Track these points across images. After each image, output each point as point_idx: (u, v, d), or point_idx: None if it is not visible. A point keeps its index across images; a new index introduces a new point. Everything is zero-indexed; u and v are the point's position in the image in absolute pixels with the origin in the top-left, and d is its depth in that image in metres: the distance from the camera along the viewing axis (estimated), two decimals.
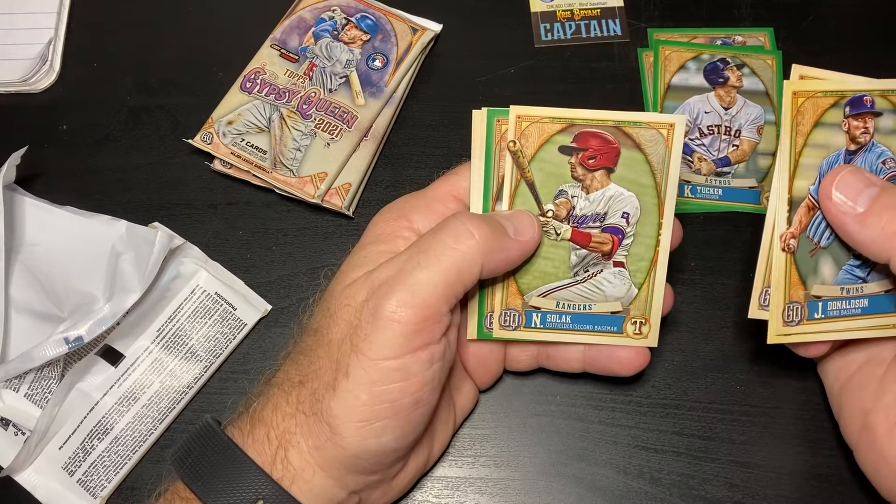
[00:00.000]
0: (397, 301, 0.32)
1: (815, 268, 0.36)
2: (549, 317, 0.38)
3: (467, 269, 0.33)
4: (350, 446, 0.32)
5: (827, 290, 0.36)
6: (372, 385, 0.32)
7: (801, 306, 0.36)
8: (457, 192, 0.37)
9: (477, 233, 0.33)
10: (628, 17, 0.53)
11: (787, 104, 0.35)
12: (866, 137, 0.35)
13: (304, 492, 0.33)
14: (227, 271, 0.46)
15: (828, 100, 0.35)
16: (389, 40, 0.50)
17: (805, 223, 0.35)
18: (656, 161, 0.36)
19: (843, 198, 0.34)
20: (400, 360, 0.32)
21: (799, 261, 0.36)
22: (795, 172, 0.35)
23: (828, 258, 0.36)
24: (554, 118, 0.36)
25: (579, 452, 0.42)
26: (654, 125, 0.36)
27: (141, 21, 0.54)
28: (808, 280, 0.36)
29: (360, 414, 0.32)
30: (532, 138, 0.36)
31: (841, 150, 0.35)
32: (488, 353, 0.40)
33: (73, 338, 0.40)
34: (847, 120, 0.35)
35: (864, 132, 0.35)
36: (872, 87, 0.35)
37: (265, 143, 0.47)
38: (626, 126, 0.36)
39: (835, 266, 0.36)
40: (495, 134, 0.36)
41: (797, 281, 0.36)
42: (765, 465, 0.41)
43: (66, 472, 0.41)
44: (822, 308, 0.36)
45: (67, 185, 0.48)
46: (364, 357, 0.32)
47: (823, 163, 0.35)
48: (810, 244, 0.36)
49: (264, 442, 0.33)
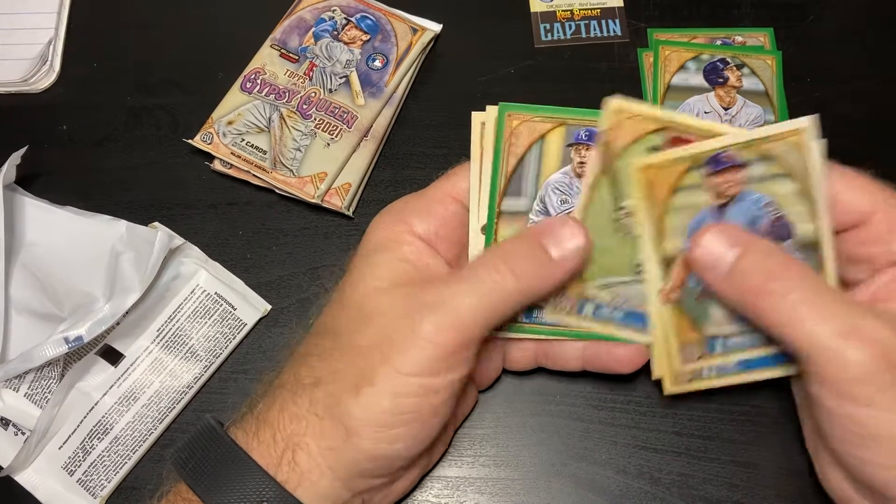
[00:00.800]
0: (437, 324, 0.32)
1: (705, 311, 0.35)
2: (602, 309, 0.37)
3: (508, 303, 0.33)
4: (364, 449, 0.32)
5: (723, 328, 0.36)
6: (396, 396, 0.32)
7: (699, 345, 0.36)
8: (456, 194, 0.37)
9: (518, 270, 0.33)
10: (628, 17, 0.53)
11: (635, 180, 0.34)
12: (735, 189, 0.34)
13: (309, 493, 0.33)
14: (227, 271, 0.46)
15: (681, 166, 0.34)
16: (389, 40, 0.50)
17: (684, 276, 0.35)
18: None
19: (706, 260, 0.33)
20: (428, 379, 0.32)
21: (687, 308, 0.35)
22: (663, 235, 0.35)
23: (717, 304, 0.35)
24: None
25: (579, 452, 0.42)
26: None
27: (141, 21, 0.54)
28: (701, 323, 0.36)
29: (379, 420, 0.32)
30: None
31: (706, 207, 0.34)
32: (488, 354, 0.40)
33: (73, 338, 0.40)
34: (709, 178, 0.34)
35: (730, 186, 0.34)
36: (732, 143, 0.34)
37: (265, 143, 0.47)
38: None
39: (726, 309, 0.35)
40: (505, 129, 0.35)
41: (688, 326, 0.36)
42: (765, 465, 0.41)
43: (66, 471, 0.41)
44: (722, 344, 0.36)
45: (67, 185, 0.48)
46: (393, 369, 0.32)
47: (692, 221, 0.35)
48: (694, 292, 0.35)
49: (270, 444, 0.33)
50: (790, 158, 0.33)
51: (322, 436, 0.33)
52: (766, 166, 0.34)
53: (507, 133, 0.35)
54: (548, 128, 0.36)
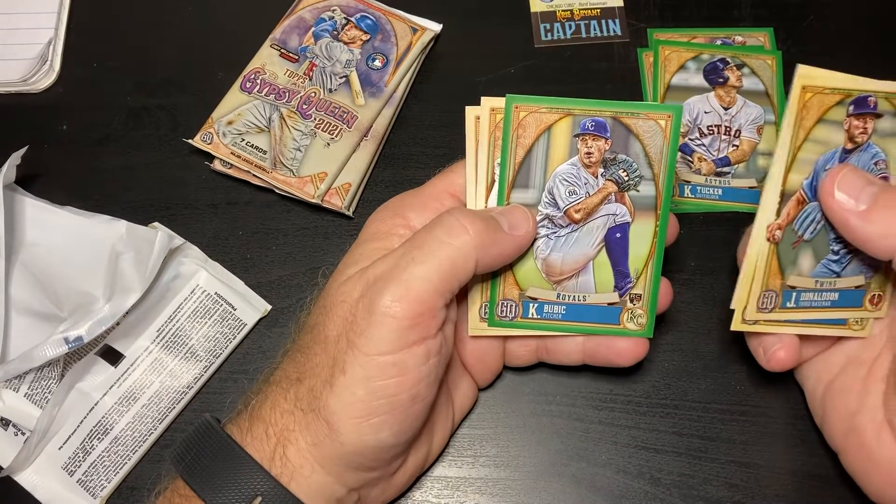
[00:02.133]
0: (392, 296, 0.32)
1: (794, 259, 0.37)
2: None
3: (461, 264, 0.33)
4: (348, 443, 0.32)
5: (803, 281, 0.37)
6: (368, 381, 0.32)
7: (777, 295, 0.37)
8: (453, 190, 0.37)
9: (471, 228, 0.33)
10: (628, 17, 0.53)
11: (794, 97, 0.35)
12: (864, 137, 0.36)
13: (302, 488, 0.33)
14: (227, 271, 0.46)
15: (834, 97, 0.35)
16: (389, 40, 0.50)
17: (793, 216, 0.36)
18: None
19: (845, 196, 0.34)
20: (396, 356, 0.32)
21: (781, 252, 0.36)
22: (792, 166, 0.35)
23: (808, 251, 0.37)
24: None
25: (579, 452, 0.42)
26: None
27: (141, 21, 0.54)
28: (787, 270, 0.37)
29: (357, 410, 0.32)
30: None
31: (838, 147, 0.36)
32: (487, 349, 0.40)
33: (73, 338, 0.40)
34: (848, 119, 0.35)
35: (863, 132, 0.36)
36: (878, 89, 0.35)
37: (265, 143, 0.47)
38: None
39: (813, 259, 0.37)
40: (513, 120, 0.35)
41: (776, 270, 0.37)
42: (765, 465, 0.41)
43: (66, 472, 0.41)
44: (796, 298, 0.37)
45: (67, 185, 0.48)
46: (360, 353, 0.32)
47: (819, 159, 0.36)
48: (794, 236, 0.36)
49: (263, 439, 0.33)
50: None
51: (308, 431, 0.33)
52: (894, 122, 0.36)
53: (514, 124, 0.36)
54: (554, 118, 0.36)
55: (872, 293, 0.38)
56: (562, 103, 0.35)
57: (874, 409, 0.36)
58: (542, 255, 0.37)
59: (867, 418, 0.36)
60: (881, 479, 0.36)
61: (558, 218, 0.37)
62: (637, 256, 0.37)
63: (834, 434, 0.38)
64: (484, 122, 0.36)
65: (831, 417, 0.38)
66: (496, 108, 0.36)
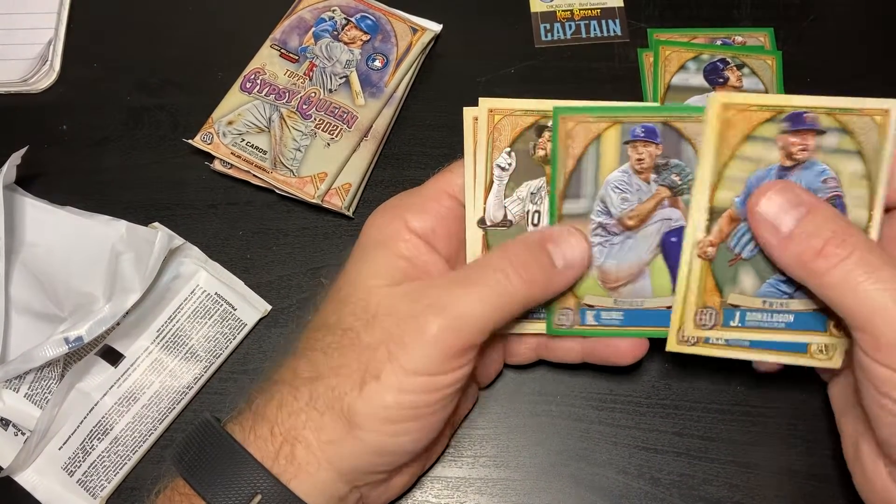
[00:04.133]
0: (443, 326, 0.33)
1: (733, 277, 0.35)
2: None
3: (511, 310, 0.34)
4: (369, 441, 0.33)
5: (746, 300, 0.35)
6: (400, 392, 0.32)
7: (716, 312, 0.35)
8: (451, 190, 0.37)
9: (525, 275, 0.34)
10: (628, 17, 0.53)
11: (712, 115, 0.33)
12: (804, 154, 0.34)
13: (305, 486, 0.33)
14: (227, 271, 0.46)
15: (763, 114, 0.33)
16: (389, 40, 0.50)
17: (727, 233, 0.35)
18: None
19: (767, 216, 0.33)
20: (432, 378, 0.33)
21: (716, 269, 0.35)
22: (719, 183, 0.34)
23: (749, 270, 0.35)
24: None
25: (579, 452, 0.42)
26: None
27: (141, 21, 0.54)
28: (725, 288, 0.35)
29: (383, 414, 0.32)
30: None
31: (774, 165, 0.34)
32: (489, 349, 0.40)
33: (73, 338, 0.40)
34: (784, 136, 0.34)
35: (803, 149, 0.34)
36: (817, 105, 0.33)
37: (265, 143, 0.47)
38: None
39: (757, 279, 0.35)
40: (560, 131, 0.35)
41: (712, 287, 0.35)
42: (765, 465, 0.41)
43: (66, 472, 0.41)
44: (740, 317, 0.35)
45: (67, 185, 0.48)
46: (399, 366, 0.32)
47: (752, 176, 0.34)
48: (730, 255, 0.35)
49: (267, 438, 0.33)
50: (867, 137, 0.33)
51: (322, 430, 0.33)
52: (840, 139, 0.34)
53: (562, 135, 0.35)
54: (603, 127, 0.35)
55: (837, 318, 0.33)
56: (610, 111, 0.35)
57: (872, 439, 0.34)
58: (597, 263, 0.37)
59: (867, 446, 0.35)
60: None
61: (612, 225, 0.36)
62: None
63: (846, 455, 0.37)
64: (482, 123, 0.36)
65: (844, 438, 0.37)
66: (494, 109, 0.36)
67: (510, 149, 0.36)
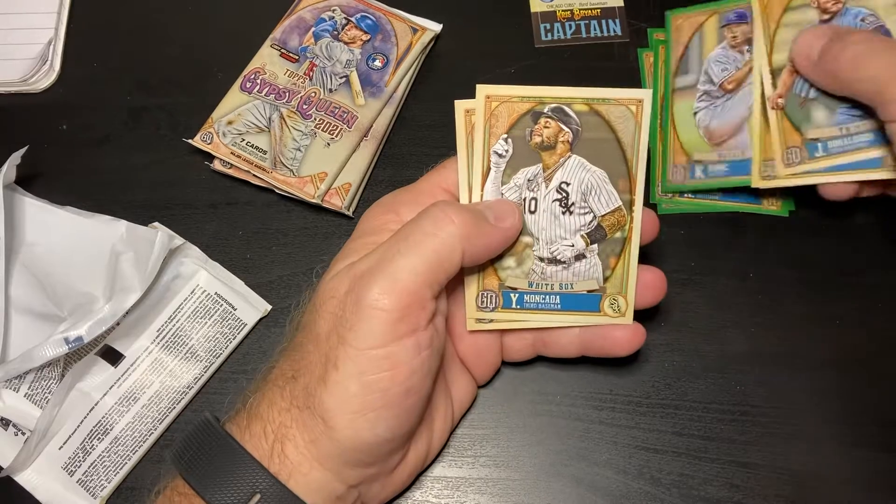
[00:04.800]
0: (379, 289, 0.32)
1: (808, 116, 0.39)
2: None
3: (448, 255, 0.33)
4: (344, 439, 0.32)
5: (824, 132, 0.39)
6: (361, 375, 0.32)
7: (800, 149, 0.39)
8: (446, 185, 0.37)
9: (457, 219, 0.33)
10: (628, 17, 0.53)
11: None
12: (838, 6, 0.39)
13: (301, 485, 0.33)
14: (227, 271, 0.46)
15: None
16: (389, 40, 0.50)
17: (789, 84, 0.40)
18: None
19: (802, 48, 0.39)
20: (386, 349, 0.32)
21: (790, 113, 0.40)
22: (772, 48, 0.39)
23: (819, 106, 0.40)
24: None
25: (579, 452, 0.42)
26: (624, 101, 0.36)
27: (141, 21, 0.54)
28: (803, 127, 0.39)
29: (351, 405, 0.32)
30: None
31: (813, 22, 0.40)
32: (484, 344, 0.40)
33: (73, 338, 0.40)
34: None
35: (836, 2, 0.39)
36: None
37: (265, 143, 0.47)
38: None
39: (828, 112, 0.39)
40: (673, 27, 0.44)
41: (791, 129, 0.40)
42: (765, 465, 0.41)
43: (66, 472, 0.41)
44: (823, 147, 0.39)
45: (67, 185, 0.48)
46: (351, 348, 0.32)
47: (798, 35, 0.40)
48: (798, 98, 0.40)
49: (261, 437, 0.33)
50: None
51: (305, 429, 0.33)
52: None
53: (674, 28, 0.46)
54: (704, 18, 0.45)
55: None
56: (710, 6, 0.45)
57: None
58: (704, 124, 0.45)
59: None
60: None
61: (714, 91, 0.44)
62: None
63: None
64: (479, 110, 0.36)
65: None
66: (491, 96, 0.36)
67: (507, 135, 0.36)
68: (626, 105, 0.36)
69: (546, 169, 0.37)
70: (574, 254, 0.37)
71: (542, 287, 0.38)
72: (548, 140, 0.37)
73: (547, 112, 0.36)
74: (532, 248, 0.37)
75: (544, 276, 0.38)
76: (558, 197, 0.37)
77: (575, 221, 0.37)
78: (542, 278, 0.38)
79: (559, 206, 0.37)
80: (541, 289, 0.38)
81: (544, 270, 0.38)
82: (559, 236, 0.37)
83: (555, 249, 0.37)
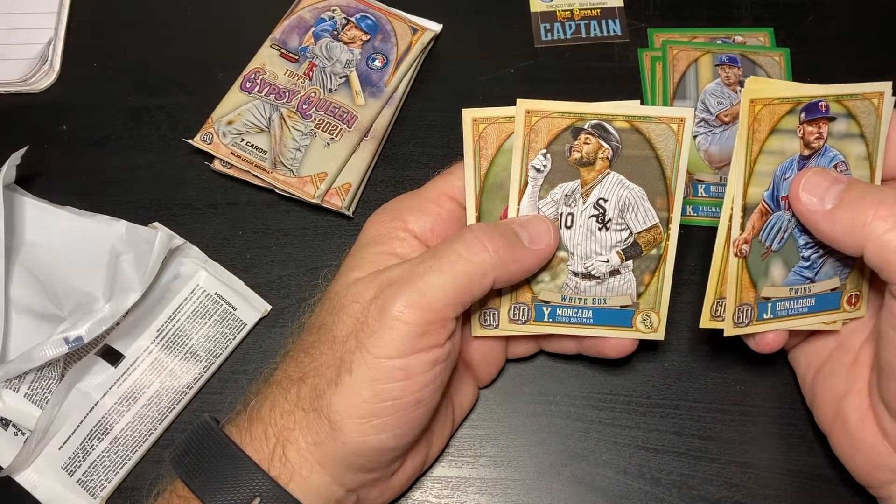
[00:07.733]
0: (405, 301, 0.32)
1: (765, 271, 0.36)
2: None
3: (478, 280, 0.33)
4: (350, 442, 0.32)
5: (776, 291, 0.37)
6: (374, 382, 0.32)
7: (751, 308, 0.37)
8: (451, 192, 0.37)
9: (490, 245, 0.33)
10: (628, 17, 0.53)
11: (744, 112, 0.34)
12: (820, 142, 0.36)
13: (301, 489, 0.33)
14: (227, 271, 0.46)
15: (784, 106, 0.35)
16: (389, 40, 0.50)
17: (758, 228, 0.36)
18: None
19: (811, 198, 0.34)
20: (403, 360, 0.32)
21: (751, 265, 0.36)
22: (750, 179, 0.35)
23: (778, 261, 0.36)
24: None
25: (579, 452, 0.42)
26: (665, 119, 0.36)
27: (141, 21, 0.54)
28: (759, 283, 0.36)
29: (361, 410, 0.32)
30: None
31: (795, 155, 0.35)
32: (493, 346, 0.40)
33: (73, 338, 0.40)
34: (802, 126, 0.35)
35: (818, 137, 0.36)
36: (827, 93, 0.35)
37: (265, 143, 0.47)
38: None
39: (784, 268, 0.37)
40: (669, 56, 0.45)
41: (748, 284, 0.36)
42: (765, 465, 0.41)
43: (66, 472, 0.41)
44: (772, 308, 0.37)
45: (67, 185, 0.48)
46: (368, 354, 0.32)
47: (777, 169, 0.35)
48: (762, 248, 0.36)
49: (262, 439, 0.33)
50: (867, 119, 0.36)
51: (309, 431, 0.33)
52: (848, 124, 0.36)
53: (669, 59, 0.48)
54: (699, 55, 0.48)
55: (849, 293, 0.38)
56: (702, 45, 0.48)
57: (859, 395, 0.36)
58: (704, 148, 0.47)
59: (852, 404, 0.36)
60: (864, 462, 0.36)
61: (712, 120, 0.47)
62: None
63: (822, 418, 0.38)
64: (519, 124, 0.36)
65: (820, 401, 0.38)
66: (532, 111, 0.36)
67: (546, 150, 0.36)
68: (668, 123, 0.36)
69: (584, 185, 0.36)
70: (609, 269, 0.37)
71: (575, 301, 0.37)
72: (587, 156, 0.36)
73: (587, 128, 0.36)
74: (567, 262, 0.37)
75: (578, 291, 0.37)
76: (595, 213, 0.37)
77: (611, 237, 0.37)
78: (576, 293, 0.37)
79: (596, 221, 0.37)
80: (574, 303, 0.37)
81: (578, 285, 0.37)
82: (594, 252, 0.37)
83: (589, 265, 0.37)
